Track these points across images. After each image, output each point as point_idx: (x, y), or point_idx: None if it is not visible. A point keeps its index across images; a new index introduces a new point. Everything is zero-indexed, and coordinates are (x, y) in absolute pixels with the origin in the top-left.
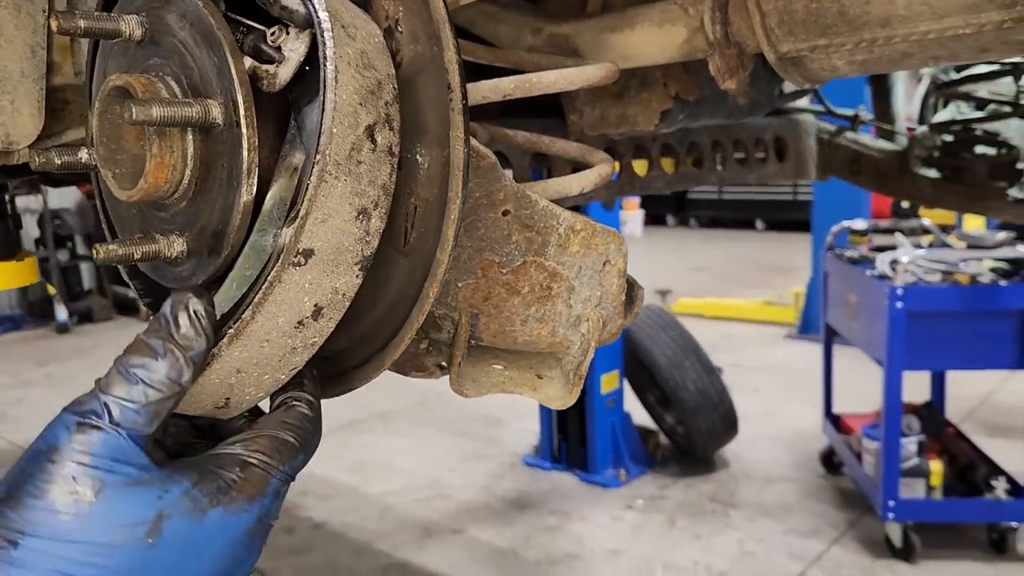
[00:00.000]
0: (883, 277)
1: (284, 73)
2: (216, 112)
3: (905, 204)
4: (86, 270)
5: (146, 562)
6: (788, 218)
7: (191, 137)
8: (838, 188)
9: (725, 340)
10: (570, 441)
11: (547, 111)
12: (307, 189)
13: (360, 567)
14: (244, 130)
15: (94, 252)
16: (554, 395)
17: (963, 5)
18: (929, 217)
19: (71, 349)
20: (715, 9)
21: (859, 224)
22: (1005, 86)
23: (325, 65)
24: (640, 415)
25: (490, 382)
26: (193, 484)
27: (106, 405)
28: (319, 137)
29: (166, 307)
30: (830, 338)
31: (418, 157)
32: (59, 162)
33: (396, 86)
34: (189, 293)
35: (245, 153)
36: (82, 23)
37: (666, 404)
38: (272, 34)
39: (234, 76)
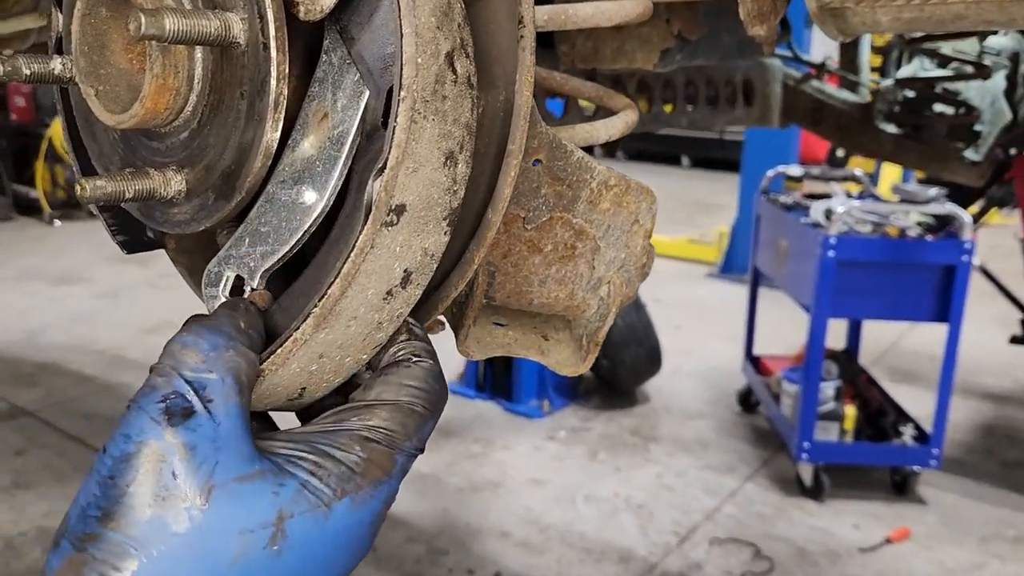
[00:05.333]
0: (816, 225)
1: None
2: (238, 30)
3: (840, 153)
4: None
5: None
6: (713, 156)
7: (200, 56)
8: (768, 131)
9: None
10: (495, 370)
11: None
12: (394, 133)
13: None
14: (274, 54)
15: (78, 188)
16: (564, 360)
17: None
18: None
19: None
20: None
21: (794, 170)
22: (969, 44)
23: None
24: None
25: (495, 343)
26: (311, 473)
27: (188, 382)
28: (401, 70)
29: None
30: (756, 281)
31: None
32: (27, 72)
33: (463, 5)
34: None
35: (273, 82)
36: None
37: None
38: None
39: None
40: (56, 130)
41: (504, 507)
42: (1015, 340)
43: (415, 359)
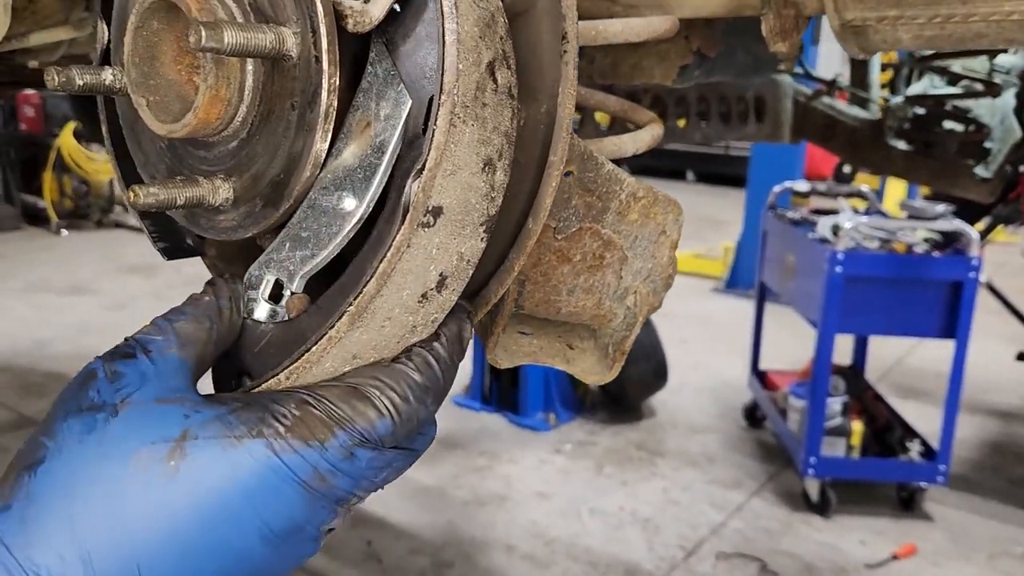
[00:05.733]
0: (824, 241)
1: (376, 10)
2: (291, 43)
3: (846, 169)
4: None
5: (169, 499)
6: (719, 171)
7: (252, 68)
8: (774, 147)
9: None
10: (501, 383)
11: None
12: (433, 135)
13: None
14: (326, 67)
15: (131, 195)
16: (589, 369)
17: None
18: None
19: None
20: None
21: (802, 186)
22: (979, 63)
23: None
24: None
25: (521, 352)
26: (232, 411)
27: (135, 339)
28: (442, 75)
29: None
30: (763, 296)
31: None
32: (80, 83)
33: (507, 20)
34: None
35: (324, 94)
36: None
37: None
38: None
39: (317, 2)
40: (64, 140)
41: (510, 520)
42: (1022, 357)
43: (410, 366)
